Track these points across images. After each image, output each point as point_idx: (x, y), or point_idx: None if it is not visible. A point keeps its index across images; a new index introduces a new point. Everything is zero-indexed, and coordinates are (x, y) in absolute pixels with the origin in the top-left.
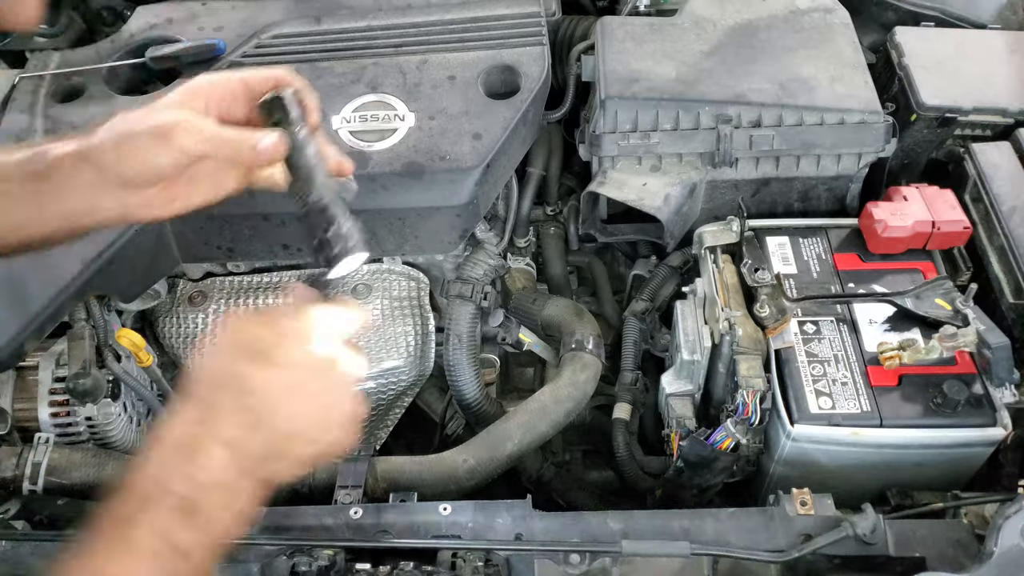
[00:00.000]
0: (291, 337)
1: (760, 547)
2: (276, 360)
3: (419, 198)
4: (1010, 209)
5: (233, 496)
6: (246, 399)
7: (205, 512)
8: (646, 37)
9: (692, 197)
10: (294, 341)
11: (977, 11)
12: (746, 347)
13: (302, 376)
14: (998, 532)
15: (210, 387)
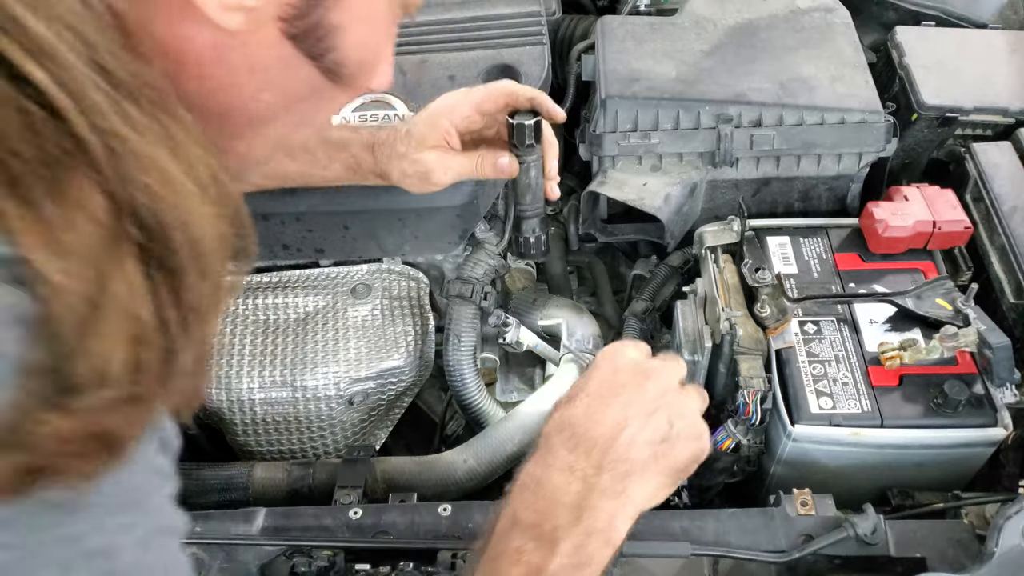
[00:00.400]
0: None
1: (760, 547)
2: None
3: (419, 198)
4: (1011, 209)
5: (578, 516)
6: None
7: (550, 534)
8: (646, 36)
9: (692, 197)
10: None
11: (978, 11)
12: (747, 347)
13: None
14: (999, 532)
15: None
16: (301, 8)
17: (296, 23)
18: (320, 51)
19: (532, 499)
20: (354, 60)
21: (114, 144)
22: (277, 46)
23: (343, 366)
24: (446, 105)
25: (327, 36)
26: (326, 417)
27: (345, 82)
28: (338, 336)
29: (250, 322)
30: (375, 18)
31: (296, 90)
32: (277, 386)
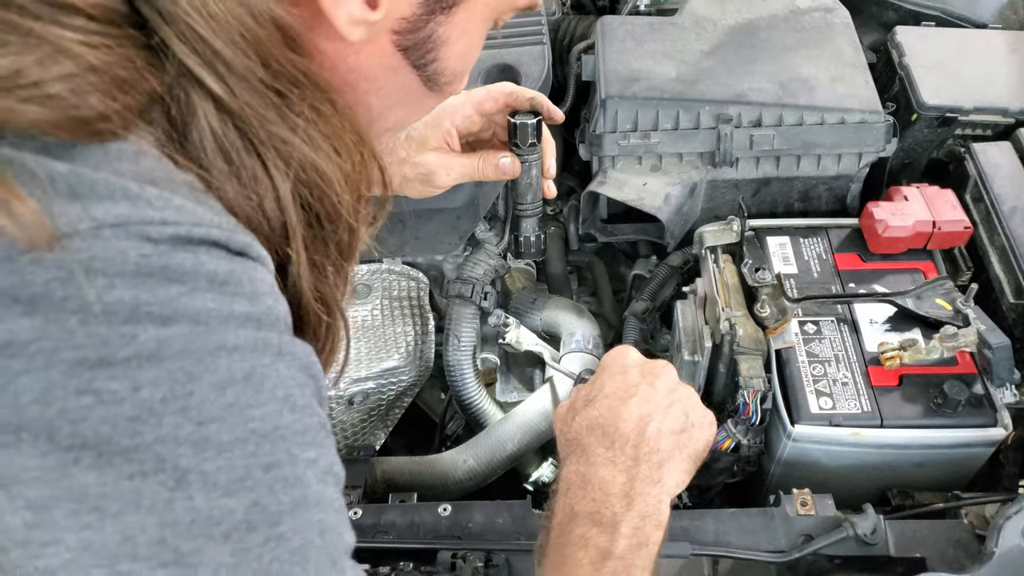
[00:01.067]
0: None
1: (760, 547)
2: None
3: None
4: (1011, 209)
5: (630, 502)
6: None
7: (610, 519)
8: (646, 37)
9: (692, 197)
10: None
11: (978, 11)
12: (747, 347)
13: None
14: (999, 532)
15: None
16: (414, 23)
17: (408, 36)
18: (426, 61)
19: (584, 493)
20: (452, 70)
21: (279, 146)
22: (388, 56)
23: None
24: (447, 106)
25: (434, 48)
26: None
27: (440, 89)
28: None
29: None
30: (475, 32)
31: (398, 96)
32: None
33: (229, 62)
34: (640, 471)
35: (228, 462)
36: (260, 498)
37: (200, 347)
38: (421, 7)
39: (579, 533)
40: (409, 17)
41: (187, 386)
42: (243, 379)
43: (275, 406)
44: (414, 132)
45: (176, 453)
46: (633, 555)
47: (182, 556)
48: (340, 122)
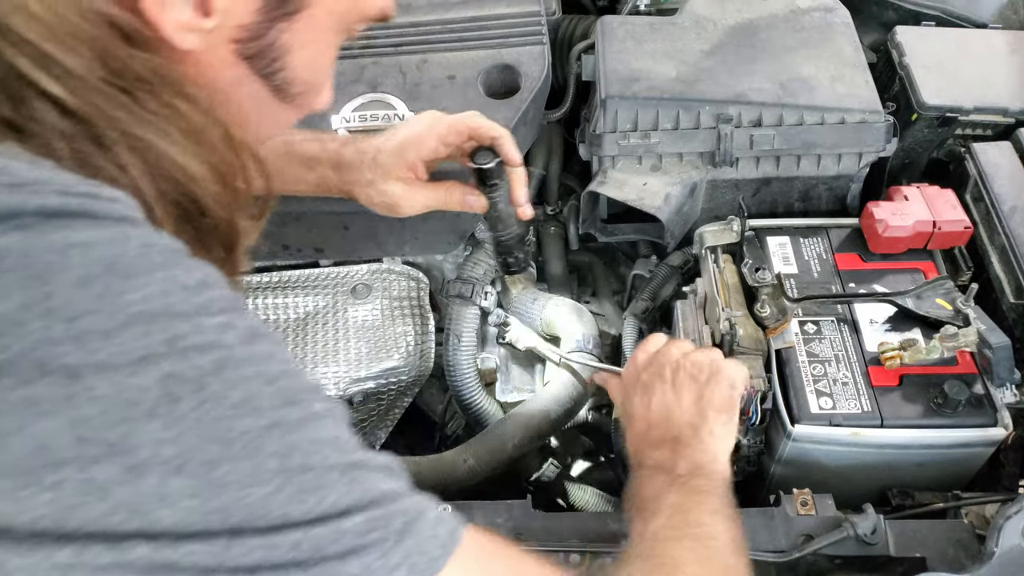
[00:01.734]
0: None
1: (760, 547)
2: None
3: None
4: (1011, 209)
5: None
6: None
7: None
8: (646, 36)
9: (692, 197)
10: None
11: (978, 11)
12: (747, 347)
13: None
14: (999, 532)
15: None
16: (255, 30)
17: (250, 44)
18: (272, 70)
19: (640, 478)
20: (302, 80)
21: (134, 144)
22: (231, 65)
23: (343, 366)
24: (413, 137)
25: (279, 57)
26: None
27: (292, 100)
28: (338, 336)
29: None
30: (323, 40)
31: (249, 106)
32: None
33: (62, 63)
34: (680, 443)
35: (120, 346)
36: (173, 368)
37: (44, 248)
38: (260, 14)
39: (649, 487)
40: (248, 25)
41: (43, 289)
42: (106, 270)
43: (157, 287)
44: (380, 158)
45: (56, 353)
46: (697, 474)
47: (111, 446)
48: (202, 116)
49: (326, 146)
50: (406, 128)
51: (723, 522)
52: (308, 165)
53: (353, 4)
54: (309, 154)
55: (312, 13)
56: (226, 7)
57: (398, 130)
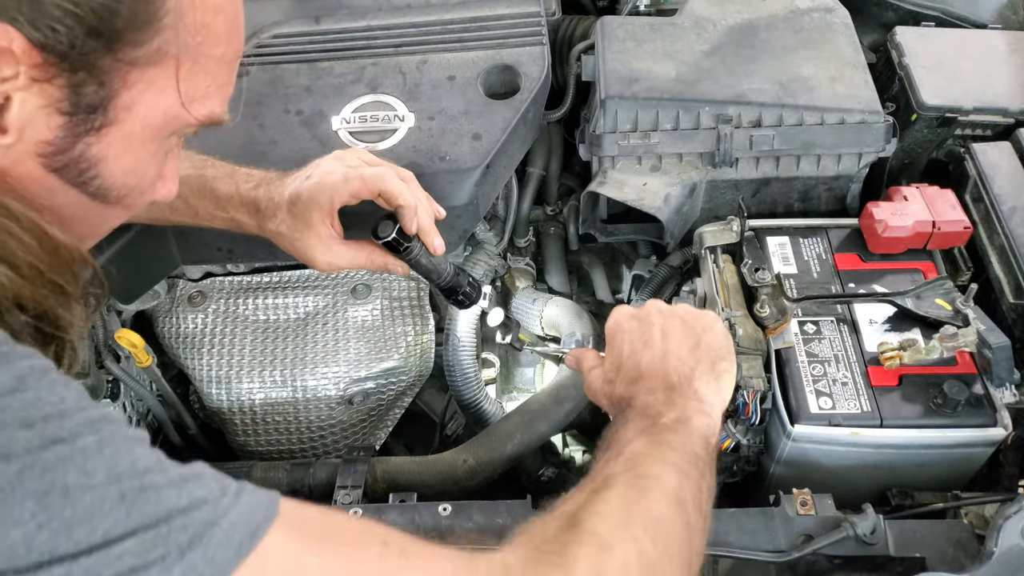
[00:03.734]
0: None
1: (760, 547)
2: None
3: None
4: (1010, 209)
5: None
6: None
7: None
8: (646, 37)
9: (692, 197)
10: None
11: (977, 11)
12: (746, 347)
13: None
14: (998, 532)
15: None
16: (59, 145)
17: (56, 158)
18: (83, 180)
19: (631, 415)
20: (121, 185)
21: None
22: (41, 177)
23: (343, 366)
24: (327, 186)
25: (90, 167)
26: (326, 417)
27: (115, 202)
28: (338, 336)
29: (250, 322)
30: (141, 150)
31: (71, 211)
32: (277, 386)
33: None
34: (675, 392)
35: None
36: None
37: None
38: (63, 130)
39: (625, 430)
40: (52, 140)
41: None
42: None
43: None
44: (296, 210)
45: None
46: (678, 425)
47: None
48: (9, 222)
49: (239, 187)
50: (318, 175)
51: (675, 475)
52: (220, 205)
53: (172, 116)
54: (221, 193)
55: (123, 126)
56: (21, 124)
57: (312, 174)
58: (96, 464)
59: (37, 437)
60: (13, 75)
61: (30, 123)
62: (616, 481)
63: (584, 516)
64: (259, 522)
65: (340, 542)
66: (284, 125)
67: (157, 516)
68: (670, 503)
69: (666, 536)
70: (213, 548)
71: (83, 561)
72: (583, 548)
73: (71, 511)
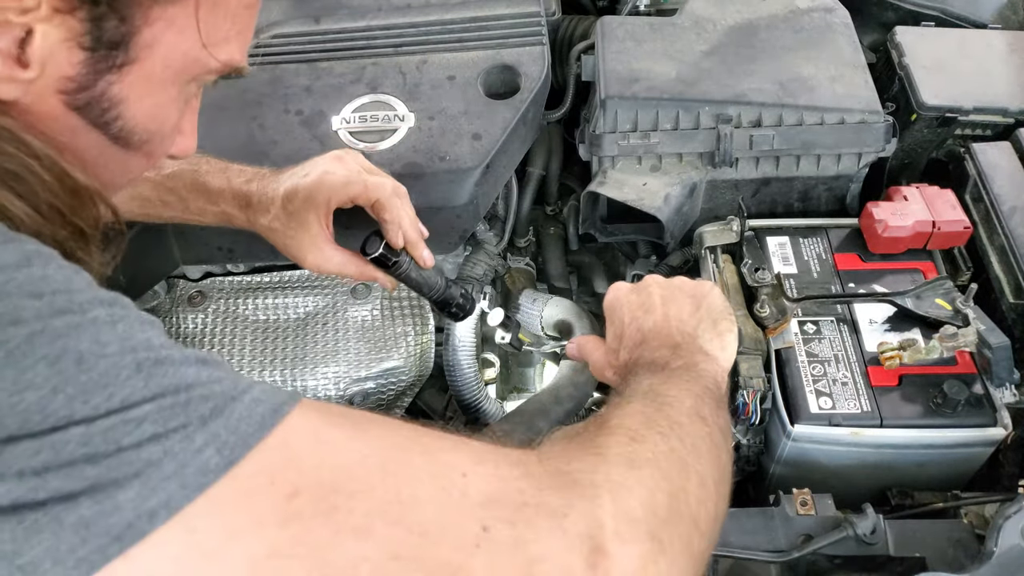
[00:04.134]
0: None
1: (760, 547)
2: None
3: (419, 199)
4: (1010, 209)
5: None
6: None
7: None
8: (646, 37)
9: (692, 197)
10: None
11: (977, 11)
12: (746, 347)
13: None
14: (998, 532)
15: None
16: (81, 82)
17: (77, 95)
18: (105, 120)
19: (639, 369)
20: (143, 129)
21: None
22: (62, 115)
23: (343, 366)
24: (326, 186)
25: (112, 107)
26: None
27: (137, 148)
28: (338, 336)
29: (250, 322)
30: (162, 92)
31: (92, 155)
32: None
33: None
34: (681, 347)
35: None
36: None
37: None
38: (85, 66)
39: (634, 380)
40: (73, 76)
41: None
42: None
43: None
44: (291, 207)
45: None
46: (685, 369)
47: None
48: (30, 160)
49: (232, 182)
50: (318, 173)
51: (691, 398)
52: (211, 199)
53: (192, 59)
54: (213, 187)
55: (145, 66)
56: (43, 58)
57: (310, 172)
58: (109, 336)
59: (47, 306)
60: (35, 5)
61: (52, 58)
62: (635, 398)
63: (611, 416)
64: (282, 401)
65: (370, 421)
66: (284, 125)
67: (176, 386)
68: (691, 417)
69: (692, 438)
70: (235, 420)
71: (101, 423)
72: (614, 437)
73: (86, 376)
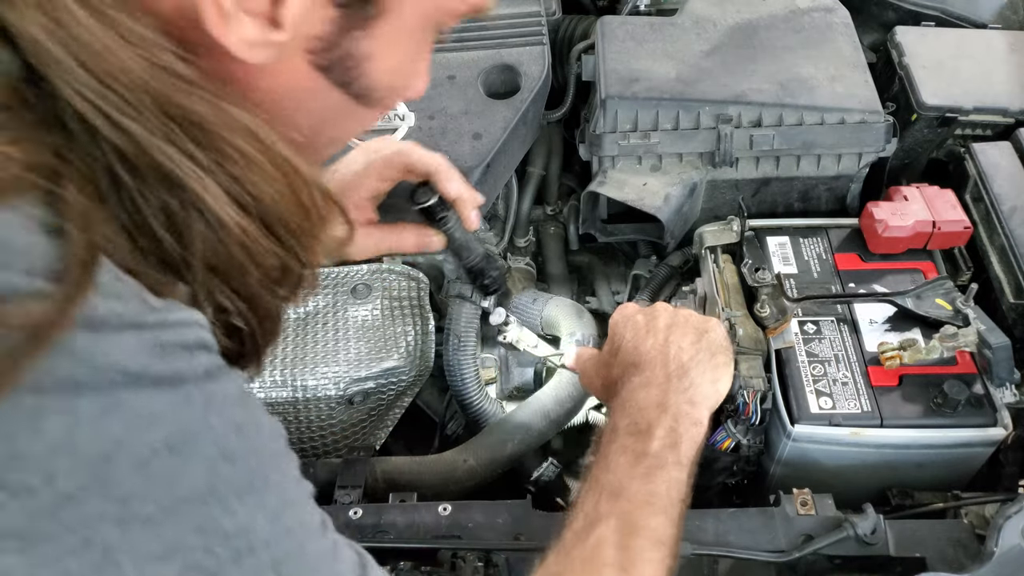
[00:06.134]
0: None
1: (760, 547)
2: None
3: None
4: (1011, 209)
5: (664, 409)
6: None
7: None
8: (646, 37)
9: (692, 197)
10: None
11: (977, 11)
12: (746, 347)
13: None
14: (999, 532)
15: None
16: (329, 40)
17: (324, 55)
18: (349, 79)
19: (624, 412)
20: (385, 84)
21: (194, 198)
22: (305, 76)
23: (343, 366)
24: (351, 179)
25: (357, 65)
26: (326, 417)
27: (375, 103)
28: (338, 336)
29: None
30: (408, 43)
31: (328, 113)
32: (277, 386)
33: (126, 111)
34: (671, 384)
35: (156, 533)
36: (197, 559)
37: (112, 427)
38: (334, 23)
39: (619, 443)
40: (322, 35)
41: (105, 468)
42: (166, 448)
43: (207, 465)
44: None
45: (100, 531)
46: (666, 453)
47: None
48: (266, 156)
49: None
50: (343, 169)
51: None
52: None
53: (440, 4)
54: None
55: (393, 18)
56: (297, 18)
57: (334, 171)
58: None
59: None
60: None
61: (305, 17)
62: (607, 526)
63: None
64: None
65: None
66: None
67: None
68: (655, 546)
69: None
70: None
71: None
72: None
73: None
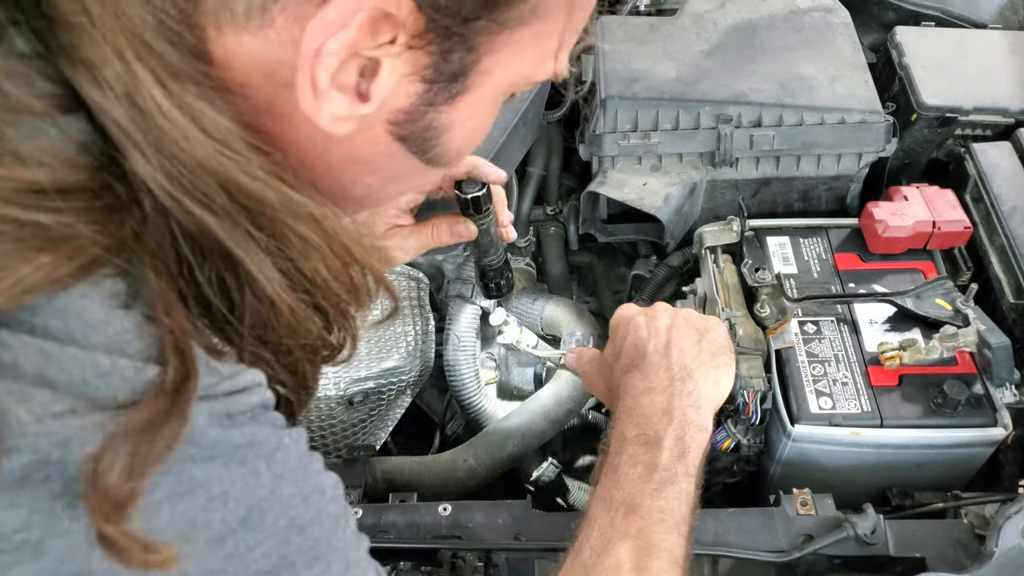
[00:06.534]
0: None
1: (760, 547)
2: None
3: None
4: (1011, 209)
5: (670, 417)
6: None
7: (654, 437)
8: (646, 37)
9: (692, 197)
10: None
11: (978, 11)
12: (746, 347)
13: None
14: (999, 532)
15: None
16: (413, 114)
17: (406, 127)
18: (426, 148)
19: (631, 420)
20: (457, 150)
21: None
22: (384, 144)
23: (343, 366)
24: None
25: (436, 136)
26: (326, 417)
27: (445, 165)
28: None
29: None
30: (485, 112)
31: (397, 173)
32: None
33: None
34: (675, 388)
35: None
36: None
37: (188, 509)
38: (419, 97)
39: (629, 454)
40: (407, 108)
41: (183, 548)
42: (240, 525)
43: (279, 537)
44: (361, 216)
45: None
46: (676, 464)
47: None
48: (325, 242)
49: None
50: None
51: (677, 540)
52: None
53: (522, 77)
54: None
55: (476, 92)
56: (385, 92)
57: None
58: None
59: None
60: (390, 40)
61: (393, 92)
62: (624, 547)
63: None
64: None
65: None
66: None
67: None
68: (672, 568)
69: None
70: None
71: None
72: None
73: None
